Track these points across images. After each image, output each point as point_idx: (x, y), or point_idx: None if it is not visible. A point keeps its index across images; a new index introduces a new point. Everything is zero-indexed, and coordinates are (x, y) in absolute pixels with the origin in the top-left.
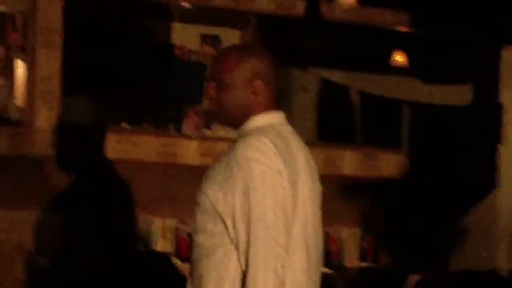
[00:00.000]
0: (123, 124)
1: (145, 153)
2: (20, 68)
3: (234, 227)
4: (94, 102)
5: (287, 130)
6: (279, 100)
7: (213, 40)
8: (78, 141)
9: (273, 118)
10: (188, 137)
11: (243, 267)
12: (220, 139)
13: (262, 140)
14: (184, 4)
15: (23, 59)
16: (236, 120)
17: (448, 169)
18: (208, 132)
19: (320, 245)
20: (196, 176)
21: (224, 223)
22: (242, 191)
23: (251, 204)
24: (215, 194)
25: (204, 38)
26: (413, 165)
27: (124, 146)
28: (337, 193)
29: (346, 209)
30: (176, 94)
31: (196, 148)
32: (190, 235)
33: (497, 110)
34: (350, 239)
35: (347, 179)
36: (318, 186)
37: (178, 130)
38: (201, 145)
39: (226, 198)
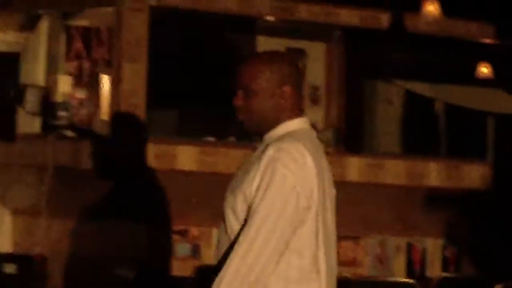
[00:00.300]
0: (208, 137)
1: (229, 165)
2: (105, 82)
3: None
4: (179, 115)
5: (314, 135)
6: (365, 112)
7: (298, 53)
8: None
9: (302, 123)
10: None
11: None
12: None
13: (296, 146)
14: (269, 17)
15: (108, 73)
16: (264, 126)
17: None
18: None
19: (336, 250)
20: None
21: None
22: (261, 187)
23: (263, 201)
24: (246, 194)
25: (289, 51)
26: (498, 176)
27: (208, 158)
28: (421, 204)
29: (430, 220)
30: None
31: None
32: None
33: None
34: (433, 249)
35: (431, 190)
36: (333, 191)
37: None
38: None
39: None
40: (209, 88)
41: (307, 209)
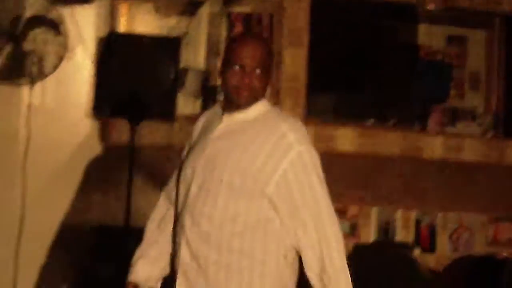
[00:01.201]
0: (369, 121)
1: (389, 148)
2: None
3: (297, 210)
4: (339, 99)
5: None
6: None
7: (459, 41)
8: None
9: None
10: (432, 134)
11: (297, 245)
12: (463, 136)
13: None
14: (430, 6)
15: None
16: (254, 102)
17: None
18: (452, 130)
19: None
20: (439, 170)
21: (272, 203)
22: (305, 175)
23: (320, 189)
24: (260, 173)
25: (450, 39)
26: None
27: (368, 140)
28: None
29: None
30: (421, 93)
31: (440, 144)
32: (430, 226)
33: None
34: None
35: None
36: None
37: (423, 127)
38: (445, 142)
39: (283, 180)
40: (368, 73)
41: None
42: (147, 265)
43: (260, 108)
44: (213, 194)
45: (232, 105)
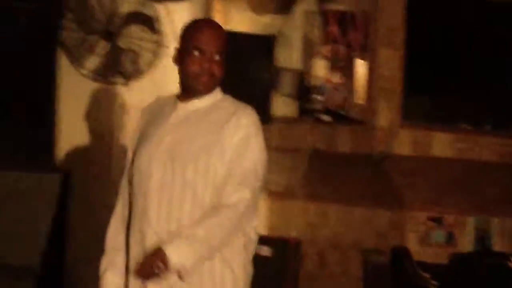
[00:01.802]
0: (464, 125)
1: (485, 153)
2: (360, 67)
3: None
4: (435, 102)
5: None
6: None
7: None
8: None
9: None
10: None
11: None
12: None
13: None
14: None
15: (363, 58)
16: (212, 89)
17: None
18: None
19: None
20: None
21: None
22: (249, 148)
23: (258, 160)
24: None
25: None
26: None
27: (463, 145)
28: None
29: None
30: None
31: None
32: None
33: None
34: None
35: None
36: None
37: None
38: None
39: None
40: (465, 75)
41: None
42: (116, 276)
43: (215, 96)
44: (178, 198)
45: (188, 92)
